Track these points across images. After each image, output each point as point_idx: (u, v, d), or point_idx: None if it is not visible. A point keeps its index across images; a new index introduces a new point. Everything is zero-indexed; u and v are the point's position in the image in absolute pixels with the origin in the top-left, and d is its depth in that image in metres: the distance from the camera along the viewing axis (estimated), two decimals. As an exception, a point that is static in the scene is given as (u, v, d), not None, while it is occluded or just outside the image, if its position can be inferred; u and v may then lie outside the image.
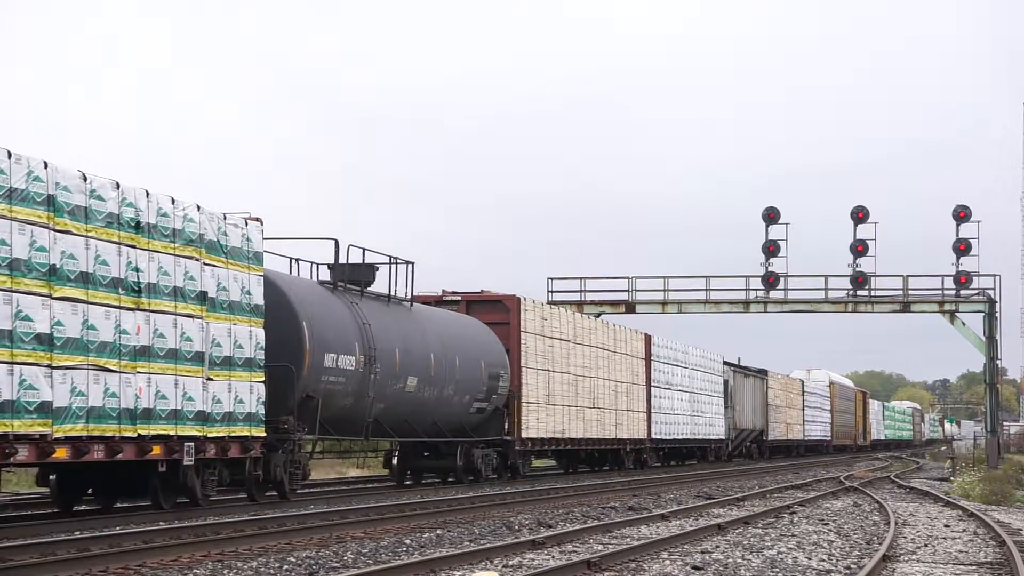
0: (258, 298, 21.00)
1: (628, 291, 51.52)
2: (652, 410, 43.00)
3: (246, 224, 20.77)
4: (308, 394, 23.03)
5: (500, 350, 31.46)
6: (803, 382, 74.82)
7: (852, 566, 14.73)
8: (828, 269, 51.92)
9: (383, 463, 32.04)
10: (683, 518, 21.18)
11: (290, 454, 22.50)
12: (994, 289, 50.95)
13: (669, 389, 45.26)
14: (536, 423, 32.97)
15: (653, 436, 43.03)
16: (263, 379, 20.93)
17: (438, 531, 17.65)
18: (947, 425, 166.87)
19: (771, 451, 66.23)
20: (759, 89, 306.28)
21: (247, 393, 20.43)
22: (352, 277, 26.07)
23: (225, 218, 20.15)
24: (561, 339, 35.19)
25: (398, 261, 27.69)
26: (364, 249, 26.34)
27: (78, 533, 16.10)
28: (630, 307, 51.47)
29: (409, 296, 28.20)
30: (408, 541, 16.15)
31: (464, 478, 29.93)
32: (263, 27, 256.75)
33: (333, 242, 25.55)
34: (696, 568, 13.99)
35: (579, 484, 30.78)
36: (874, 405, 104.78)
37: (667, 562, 14.58)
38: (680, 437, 46.44)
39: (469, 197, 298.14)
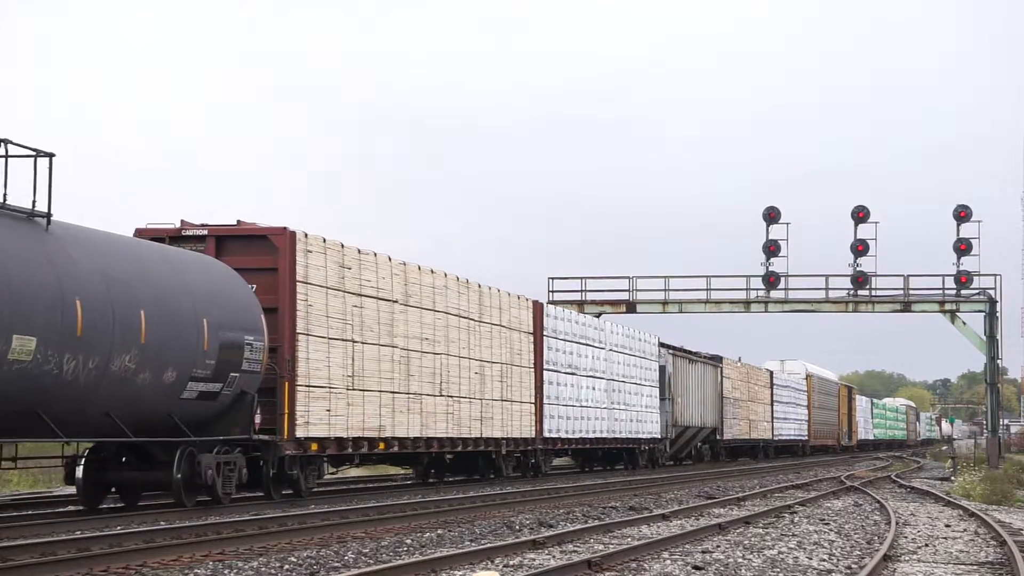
0: None
1: (629, 291, 51.55)
2: (545, 401, 33.68)
3: None
4: None
5: (251, 307, 21.42)
6: (772, 373, 66.02)
7: (853, 566, 14.72)
8: (828, 269, 52.03)
9: (65, 476, 20.72)
10: (684, 518, 21.17)
11: None
12: (995, 289, 51.03)
13: (573, 374, 35.99)
14: (327, 416, 23.35)
15: (546, 434, 33.84)
16: None
17: (439, 531, 17.64)
18: (944, 424, 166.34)
19: (728, 452, 57.58)
20: (760, 90, 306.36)
21: None
22: None
23: None
24: (379, 298, 25.36)
25: (9, 146, 17.19)
26: None
27: (78, 533, 16.09)
28: (631, 307, 51.48)
29: (38, 208, 17.53)
30: (409, 541, 16.14)
31: (187, 500, 20.00)
32: (273, 28, 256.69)
33: None
34: (697, 568, 13.98)
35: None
36: (861, 402, 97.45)
37: (668, 562, 14.57)
38: (591, 436, 37.39)
39: (470, 197, 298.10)
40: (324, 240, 23.60)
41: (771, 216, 50.97)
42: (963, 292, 50.61)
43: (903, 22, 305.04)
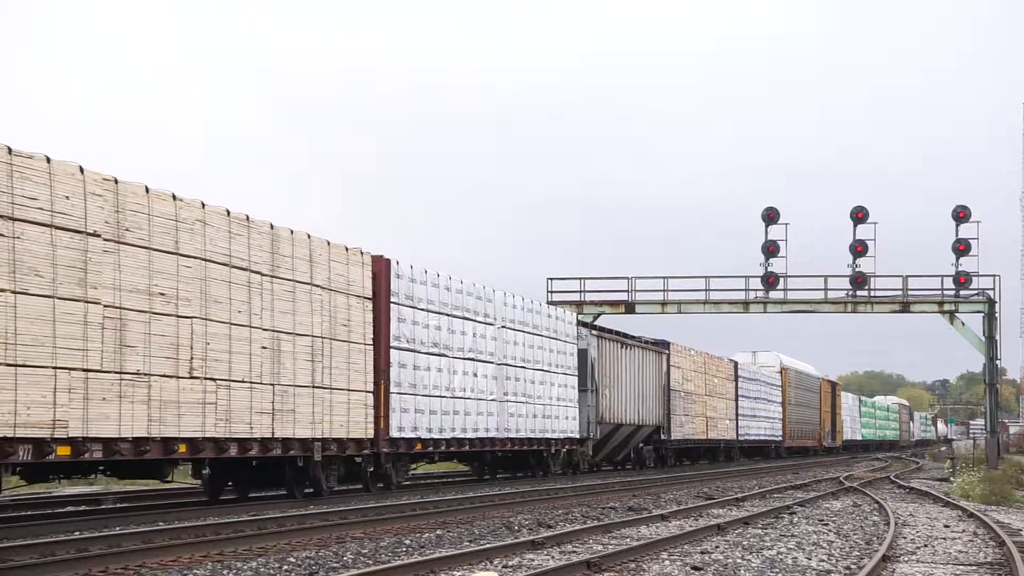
0: None
1: (628, 291, 51.56)
2: (393, 389, 25.45)
3: None
4: None
5: None
6: (737, 364, 58.00)
7: (852, 566, 14.73)
8: (828, 269, 52.04)
9: None
10: (683, 518, 21.18)
11: None
12: (994, 289, 51.04)
13: (443, 356, 27.63)
14: None
15: (395, 434, 25.47)
16: None
17: (438, 531, 17.66)
18: (941, 424, 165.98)
19: (679, 455, 49.66)
20: (758, 90, 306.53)
21: None
22: None
23: None
24: (58, 227, 16.82)
25: None
26: None
27: (78, 533, 16.10)
28: (630, 307, 51.49)
29: None
30: (408, 541, 16.15)
31: None
32: (265, 29, 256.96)
33: None
34: (696, 568, 13.99)
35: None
36: (848, 399, 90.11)
37: (667, 562, 14.58)
38: (472, 435, 29.03)
39: (470, 197, 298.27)
40: None
41: (770, 216, 51.00)
42: (962, 292, 50.64)
43: (904, 23, 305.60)
